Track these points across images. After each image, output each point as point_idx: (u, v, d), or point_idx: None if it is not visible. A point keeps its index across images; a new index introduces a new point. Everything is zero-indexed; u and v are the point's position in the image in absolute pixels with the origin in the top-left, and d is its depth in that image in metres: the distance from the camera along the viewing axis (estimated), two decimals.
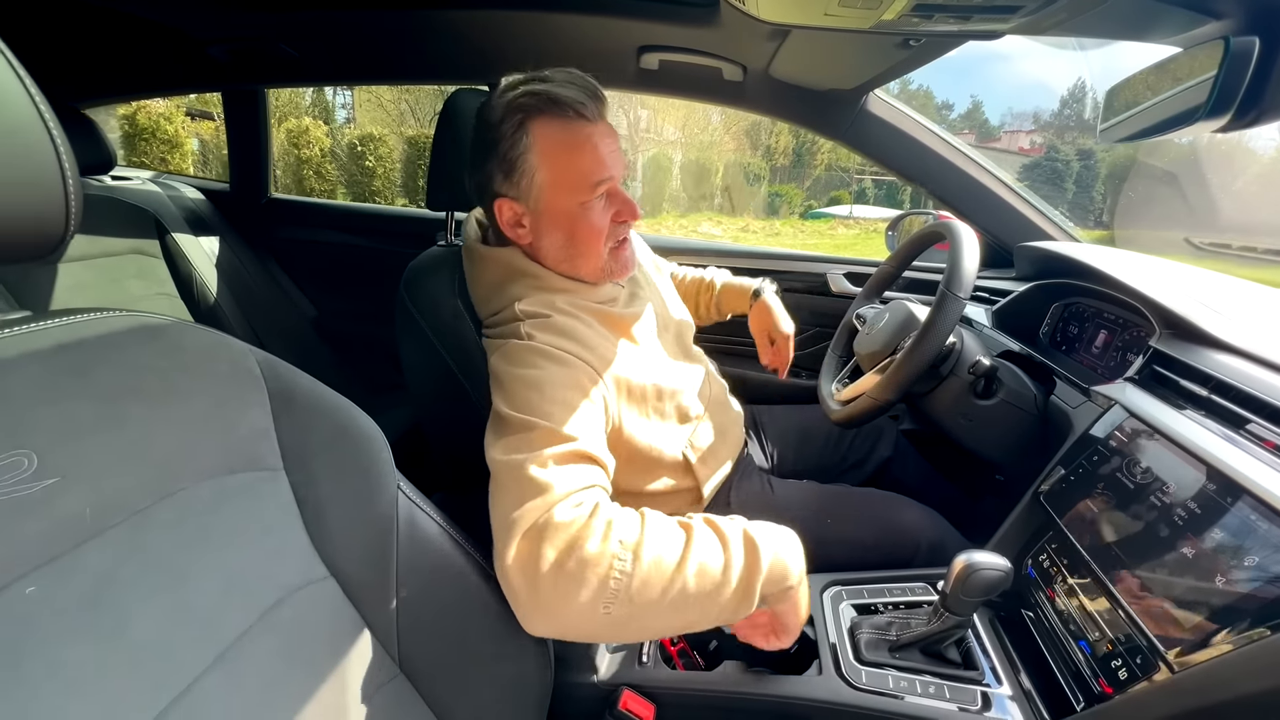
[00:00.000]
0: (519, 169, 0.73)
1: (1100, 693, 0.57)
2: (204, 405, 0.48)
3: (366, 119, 13.03)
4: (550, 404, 0.66)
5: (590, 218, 0.76)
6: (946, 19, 0.60)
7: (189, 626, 0.42)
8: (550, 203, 0.75)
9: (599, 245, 0.78)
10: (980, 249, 1.30)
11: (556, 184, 0.74)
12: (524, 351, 0.71)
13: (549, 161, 0.73)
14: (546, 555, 0.54)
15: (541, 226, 0.77)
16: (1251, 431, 0.58)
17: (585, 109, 0.72)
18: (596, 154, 0.73)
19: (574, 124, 0.72)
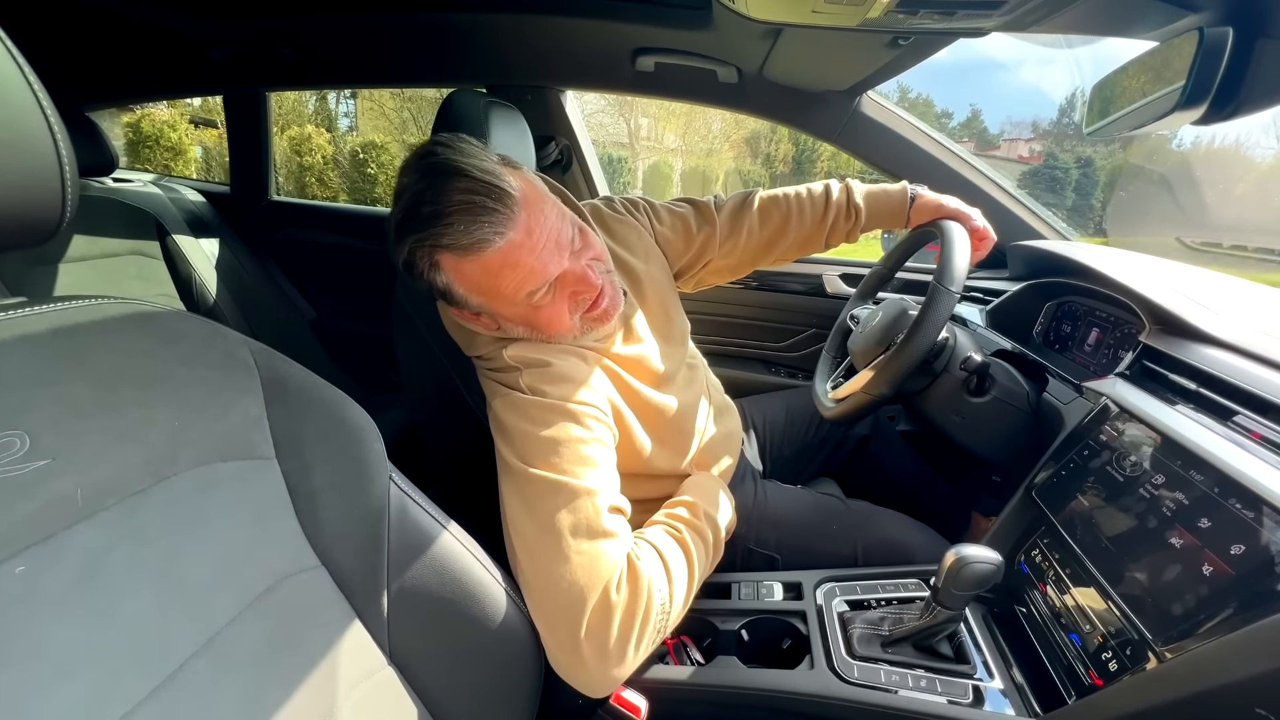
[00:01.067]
0: (453, 296, 0.70)
1: (1090, 684, 0.57)
2: (198, 392, 0.48)
3: (369, 127, 13.10)
4: (573, 464, 0.65)
5: (544, 310, 0.71)
6: (931, 15, 0.61)
7: (179, 610, 0.42)
8: (499, 311, 0.72)
9: (564, 323, 0.73)
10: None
11: (494, 302, 0.70)
12: (533, 408, 0.68)
13: (473, 290, 0.69)
14: (613, 633, 0.60)
15: (502, 325, 0.74)
16: (1238, 423, 0.58)
17: (485, 237, 0.64)
18: (517, 272, 0.66)
19: (482, 255, 0.65)
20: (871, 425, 1.17)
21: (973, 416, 0.90)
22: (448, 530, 0.61)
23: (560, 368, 0.72)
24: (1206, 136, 8.13)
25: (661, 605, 0.64)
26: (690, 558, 0.71)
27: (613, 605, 0.60)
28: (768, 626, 0.78)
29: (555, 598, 0.61)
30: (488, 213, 0.63)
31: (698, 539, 0.74)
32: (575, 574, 0.60)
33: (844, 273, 1.49)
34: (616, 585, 0.61)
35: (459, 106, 0.95)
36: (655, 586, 0.64)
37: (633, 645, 0.61)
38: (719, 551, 0.78)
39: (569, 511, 0.63)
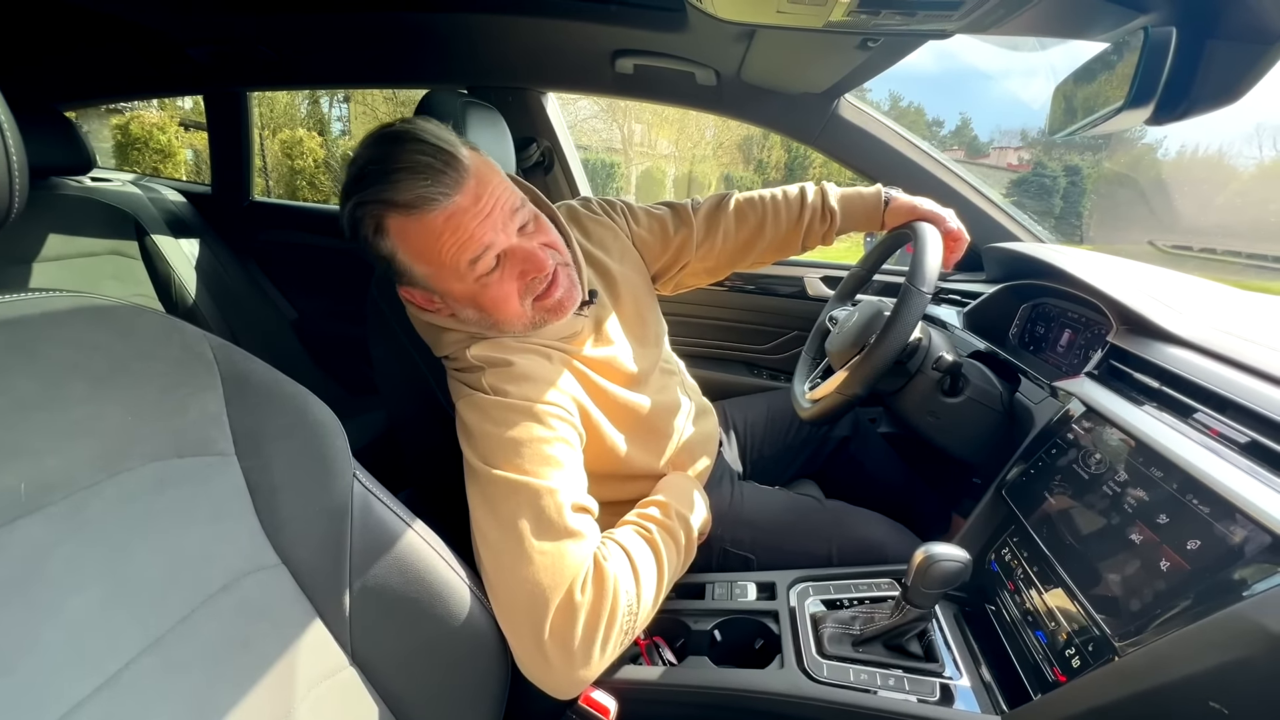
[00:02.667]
0: (398, 267, 0.69)
1: (1054, 680, 0.57)
2: (153, 387, 0.48)
3: (361, 131, 13.08)
4: (535, 464, 0.65)
5: (491, 288, 0.69)
6: (893, 16, 0.62)
7: (126, 608, 0.42)
8: (444, 288, 0.70)
9: (513, 307, 0.71)
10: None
11: (438, 274, 0.68)
12: (495, 408, 0.68)
13: (418, 258, 0.67)
14: (578, 634, 0.59)
15: (451, 305, 0.73)
16: (1198, 420, 0.59)
17: (429, 195, 0.63)
18: (457, 235, 0.65)
19: (426, 215, 0.64)
20: (851, 427, 1.18)
21: (947, 416, 0.91)
22: (412, 529, 0.60)
23: (523, 367, 0.71)
24: (1191, 145, 8.18)
25: (629, 606, 0.63)
26: (660, 558, 0.70)
27: (577, 606, 0.60)
28: (740, 626, 0.78)
29: (518, 599, 0.60)
30: (435, 173, 0.63)
31: (668, 539, 0.73)
32: (538, 575, 0.60)
33: (825, 275, 1.50)
34: (581, 586, 0.60)
35: (436, 106, 0.95)
36: (622, 587, 0.63)
37: (598, 647, 0.60)
38: (691, 552, 0.78)
39: (531, 511, 0.62)
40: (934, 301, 1.30)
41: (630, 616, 0.63)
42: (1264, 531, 0.45)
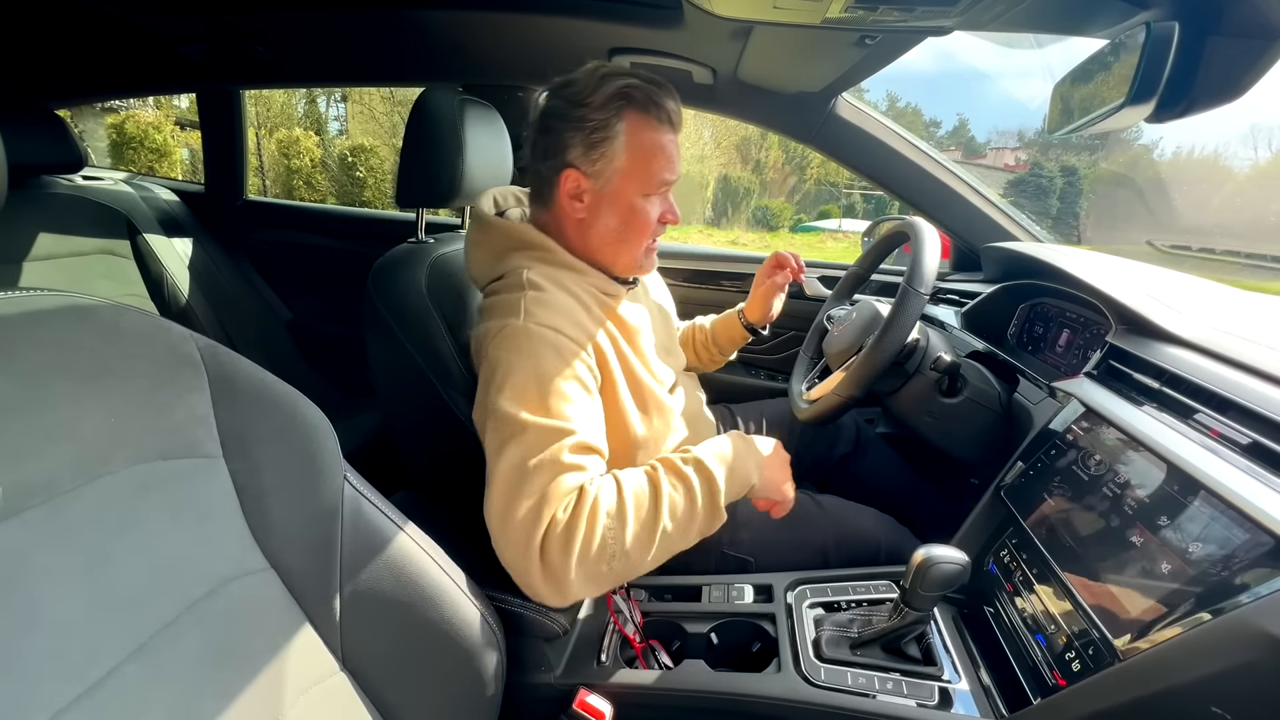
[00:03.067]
0: (601, 149, 0.77)
1: (1054, 684, 0.57)
2: (138, 388, 0.47)
3: (359, 130, 13.05)
4: (550, 397, 0.70)
5: (646, 210, 0.81)
6: (891, 12, 0.61)
7: (109, 614, 0.41)
8: (619, 188, 0.79)
9: (644, 237, 0.83)
10: (946, 248, 1.32)
11: (631, 174, 0.78)
12: (522, 338, 0.72)
13: (633, 153, 0.78)
14: (559, 550, 0.64)
15: (601, 206, 0.80)
16: (1199, 421, 0.58)
17: (674, 119, 0.79)
18: (670, 159, 0.80)
19: (662, 128, 0.78)
20: (854, 443, 1.16)
21: (945, 417, 0.90)
22: (404, 532, 0.59)
23: (561, 301, 0.76)
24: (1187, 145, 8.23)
25: (609, 529, 0.65)
26: (658, 496, 0.69)
27: (556, 523, 0.65)
28: (737, 629, 0.77)
29: (511, 522, 0.66)
30: (676, 105, 0.79)
31: (676, 481, 0.70)
32: (530, 506, 0.65)
33: (823, 275, 1.49)
34: (565, 507, 0.66)
35: (433, 104, 0.94)
36: (602, 509, 0.66)
37: (575, 562, 0.64)
38: (711, 502, 0.71)
39: (536, 449, 0.67)
40: (932, 301, 1.30)
41: (615, 541, 0.66)
42: (1266, 534, 0.44)
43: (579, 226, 0.82)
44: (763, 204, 16.51)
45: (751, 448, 0.76)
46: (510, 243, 0.84)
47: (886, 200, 15.17)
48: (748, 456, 0.75)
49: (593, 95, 0.76)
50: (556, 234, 0.84)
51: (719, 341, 1.16)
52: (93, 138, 8.56)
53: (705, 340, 1.17)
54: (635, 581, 0.86)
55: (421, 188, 0.96)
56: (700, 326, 1.19)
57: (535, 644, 0.72)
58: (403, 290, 0.89)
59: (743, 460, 0.74)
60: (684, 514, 0.69)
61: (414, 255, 0.93)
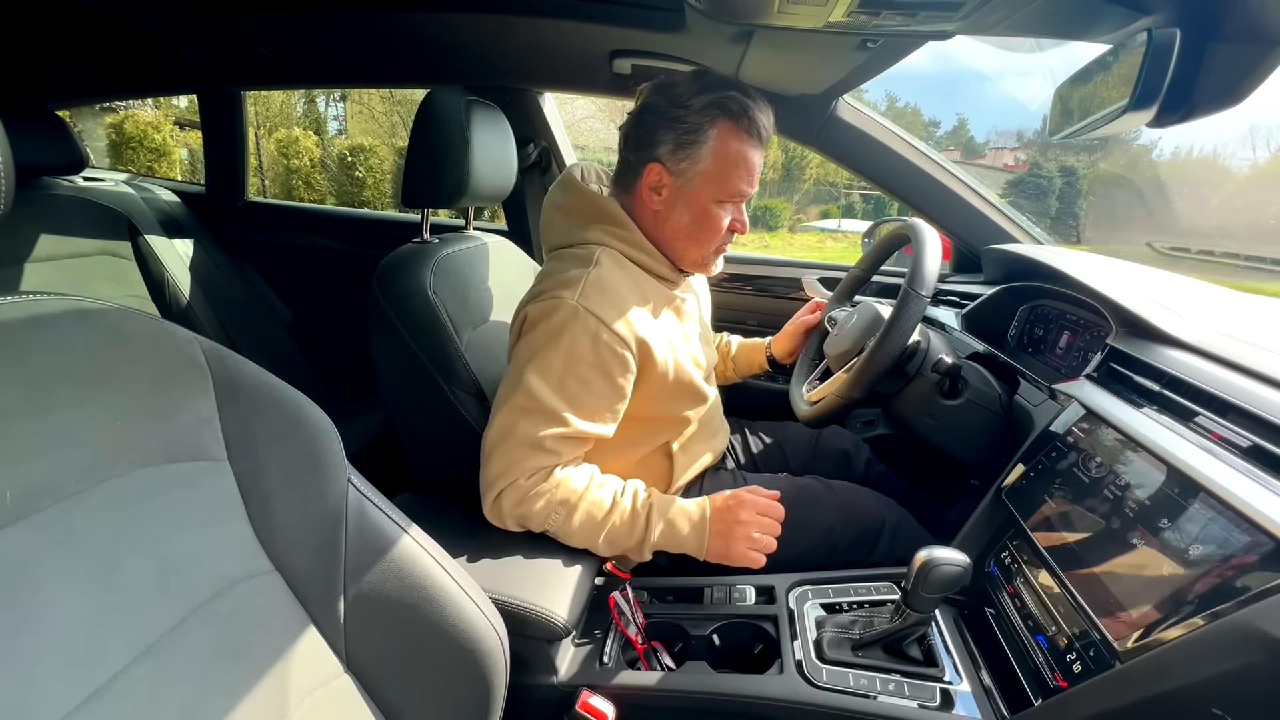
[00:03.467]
0: (689, 150, 0.82)
1: (1055, 686, 0.57)
2: (143, 392, 0.47)
3: (358, 130, 13.04)
4: (567, 381, 0.77)
5: (718, 215, 0.86)
6: (894, 17, 0.62)
7: (116, 617, 0.41)
8: (698, 189, 0.84)
9: (713, 239, 0.87)
10: (947, 250, 1.32)
11: (711, 177, 0.83)
12: (568, 317, 0.77)
13: (717, 159, 0.82)
14: (510, 504, 0.79)
15: (678, 201, 0.86)
16: (1199, 424, 0.58)
17: (763, 136, 0.84)
18: (751, 173, 0.85)
19: (749, 142, 0.83)
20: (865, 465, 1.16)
21: (946, 418, 0.90)
22: (408, 534, 0.59)
23: (620, 291, 0.82)
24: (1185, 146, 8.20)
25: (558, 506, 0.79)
26: (609, 519, 0.80)
27: (520, 489, 0.78)
28: (739, 631, 0.77)
29: (492, 467, 0.79)
30: (768, 125, 0.84)
31: (629, 516, 0.81)
32: (512, 459, 0.78)
33: (823, 276, 1.50)
34: (530, 474, 0.78)
35: (440, 105, 0.94)
36: (559, 495, 0.79)
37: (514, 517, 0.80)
38: (639, 550, 0.82)
39: (533, 422, 0.77)
40: (933, 303, 1.30)
41: (555, 525, 0.80)
42: (1266, 537, 0.45)
43: (654, 218, 0.88)
44: (762, 204, 16.51)
45: (701, 529, 0.82)
46: (595, 214, 0.88)
47: (886, 200, 15.17)
48: (694, 534, 0.81)
49: (692, 99, 0.81)
50: (634, 218, 0.89)
51: (737, 361, 1.22)
52: (91, 137, 8.54)
53: (726, 353, 1.23)
54: (637, 583, 0.86)
55: (427, 188, 0.96)
56: (725, 340, 1.25)
57: (538, 645, 0.72)
58: (408, 290, 0.89)
59: (688, 537, 0.81)
60: (620, 539, 0.80)
61: (419, 255, 0.94)
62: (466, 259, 0.98)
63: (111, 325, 0.47)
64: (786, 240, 14.60)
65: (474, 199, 0.99)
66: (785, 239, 14.76)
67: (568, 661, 0.73)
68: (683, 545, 0.81)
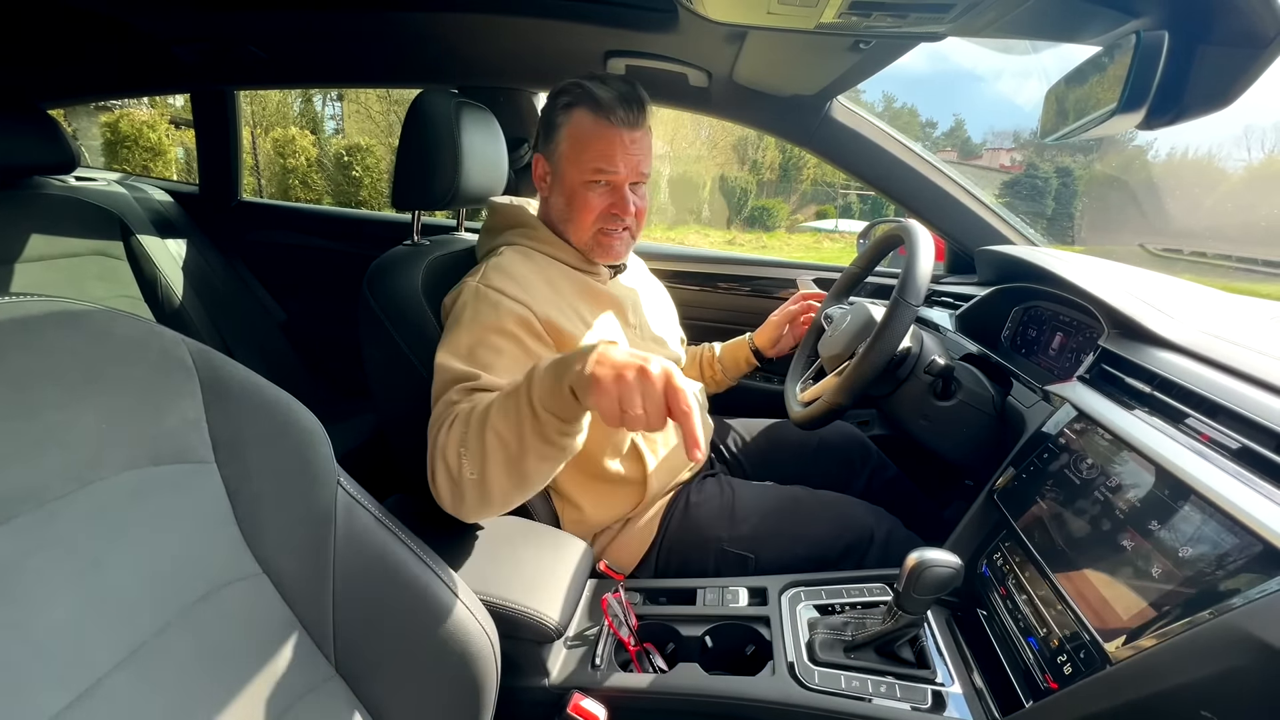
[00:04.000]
0: (553, 137, 0.90)
1: (1046, 688, 0.57)
2: (129, 394, 0.46)
3: (355, 129, 13.02)
4: (475, 347, 0.78)
5: (587, 196, 0.89)
6: (885, 18, 0.62)
7: (100, 621, 0.41)
8: (564, 172, 0.90)
9: (588, 220, 0.91)
10: (941, 251, 1.32)
11: (570, 159, 0.89)
12: (469, 295, 0.82)
13: (571, 141, 0.88)
14: (433, 459, 0.71)
15: (555, 187, 0.93)
16: (1190, 426, 0.58)
17: (613, 114, 0.86)
18: (606, 154, 0.87)
19: (599, 121, 0.86)
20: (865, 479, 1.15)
21: (939, 420, 0.90)
22: (398, 537, 0.59)
23: (521, 272, 0.86)
24: (1180, 148, 8.23)
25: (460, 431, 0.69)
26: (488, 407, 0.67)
27: (436, 444, 0.71)
28: (732, 632, 0.77)
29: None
30: (621, 103, 0.86)
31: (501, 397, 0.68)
32: (434, 423, 0.74)
33: (818, 277, 1.50)
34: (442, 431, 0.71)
35: (429, 106, 0.94)
36: (459, 419, 0.70)
37: (442, 467, 0.70)
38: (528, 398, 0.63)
39: (450, 382, 0.75)
40: (926, 304, 1.30)
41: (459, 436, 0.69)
42: (1255, 539, 0.45)
43: (545, 205, 0.96)
44: (759, 204, 16.53)
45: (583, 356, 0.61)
46: (506, 221, 0.96)
47: (882, 201, 15.14)
48: (577, 359, 0.61)
49: (556, 97, 0.90)
50: (543, 215, 0.96)
51: (724, 363, 1.22)
52: (86, 136, 8.51)
53: (710, 359, 1.24)
54: (630, 585, 0.86)
55: (418, 190, 0.96)
56: (708, 347, 1.26)
57: (529, 647, 0.72)
58: (399, 292, 0.88)
59: (555, 366, 0.63)
60: (510, 416, 0.64)
61: (410, 257, 0.93)
62: (458, 260, 0.98)
63: (98, 327, 0.47)
64: (784, 240, 14.63)
65: (464, 201, 0.99)
66: (782, 239, 14.78)
67: (559, 663, 0.73)
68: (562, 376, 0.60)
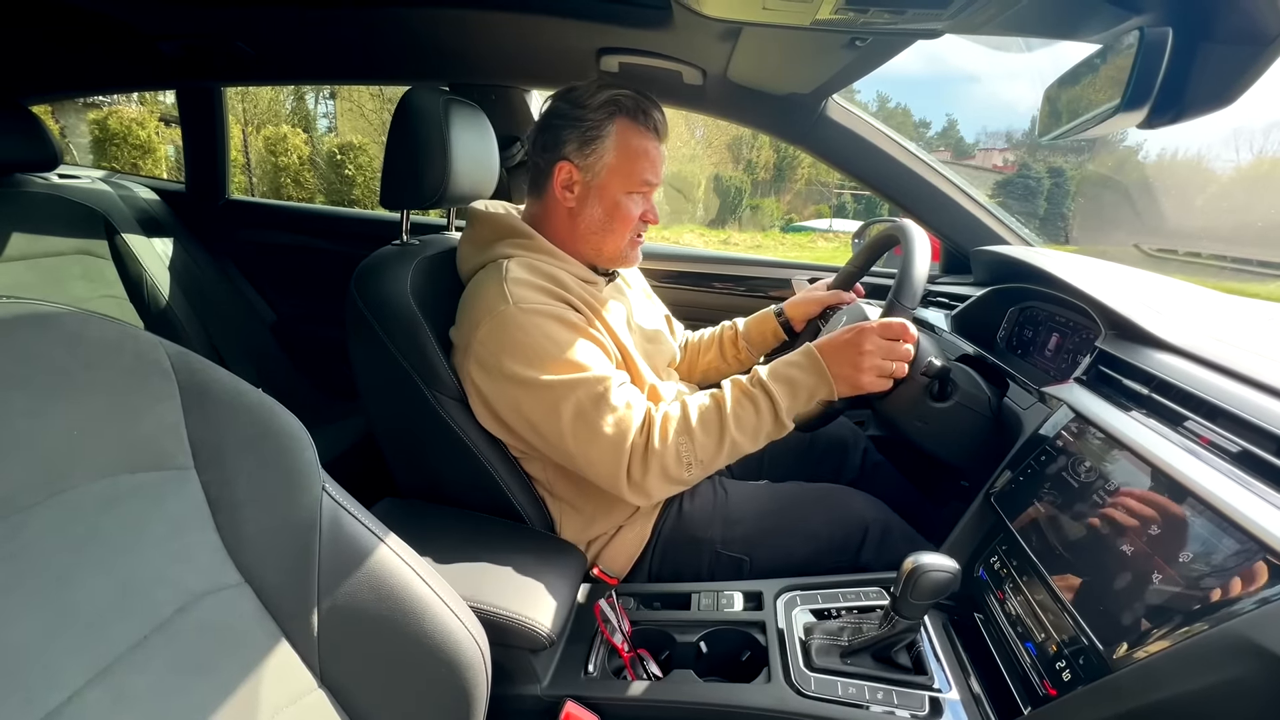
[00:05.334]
0: (593, 146, 0.88)
1: (1044, 694, 0.56)
2: (103, 399, 0.45)
3: (348, 128, 12.93)
4: (570, 355, 0.79)
5: (629, 206, 0.91)
6: (881, 14, 0.61)
7: (71, 636, 0.39)
8: (606, 182, 0.89)
9: (627, 230, 0.92)
10: (936, 251, 1.31)
11: (617, 170, 0.89)
12: (520, 319, 0.80)
13: (620, 152, 0.88)
14: (639, 469, 0.78)
15: (589, 198, 0.91)
16: (1189, 428, 0.58)
17: (659, 129, 0.91)
18: (653, 164, 0.91)
19: (648, 135, 0.90)
20: (859, 469, 1.15)
21: (935, 421, 0.90)
22: (385, 543, 0.58)
23: (542, 283, 0.85)
24: (1171, 148, 8.30)
25: (680, 444, 0.78)
26: (723, 416, 0.80)
27: (634, 449, 0.78)
28: (727, 638, 0.76)
29: (600, 466, 0.79)
30: (662, 119, 0.91)
31: (744, 399, 0.82)
32: (608, 445, 0.78)
33: (813, 276, 1.49)
34: (637, 432, 0.79)
35: (418, 104, 0.93)
36: (673, 429, 0.79)
37: (656, 474, 0.78)
38: (774, 416, 0.82)
39: (590, 400, 0.78)
40: (922, 304, 1.30)
41: (688, 452, 0.79)
42: (1257, 545, 0.44)
43: (569, 216, 0.92)
44: (754, 203, 16.55)
45: (815, 364, 0.82)
46: (498, 232, 0.91)
47: (877, 200, 15.18)
48: (811, 373, 0.82)
49: (590, 99, 0.87)
50: (544, 224, 0.93)
51: (750, 338, 1.18)
52: (74, 134, 8.41)
53: (733, 338, 1.20)
54: (623, 590, 0.85)
55: (406, 189, 0.94)
56: (730, 325, 1.23)
57: (521, 655, 0.71)
58: (387, 293, 0.87)
59: (806, 377, 0.82)
60: (751, 427, 0.81)
61: (399, 257, 0.92)
62: (447, 260, 0.97)
63: (69, 330, 0.45)
64: (778, 240, 14.64)
65: (454, 200, 0.97)
66: (777, 239, 14.80)
67: (551, 671, 0.72)
68: (814, 395, 0.82)
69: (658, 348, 1.04)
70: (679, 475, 0.79)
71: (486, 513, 0.90)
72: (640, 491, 0.79)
